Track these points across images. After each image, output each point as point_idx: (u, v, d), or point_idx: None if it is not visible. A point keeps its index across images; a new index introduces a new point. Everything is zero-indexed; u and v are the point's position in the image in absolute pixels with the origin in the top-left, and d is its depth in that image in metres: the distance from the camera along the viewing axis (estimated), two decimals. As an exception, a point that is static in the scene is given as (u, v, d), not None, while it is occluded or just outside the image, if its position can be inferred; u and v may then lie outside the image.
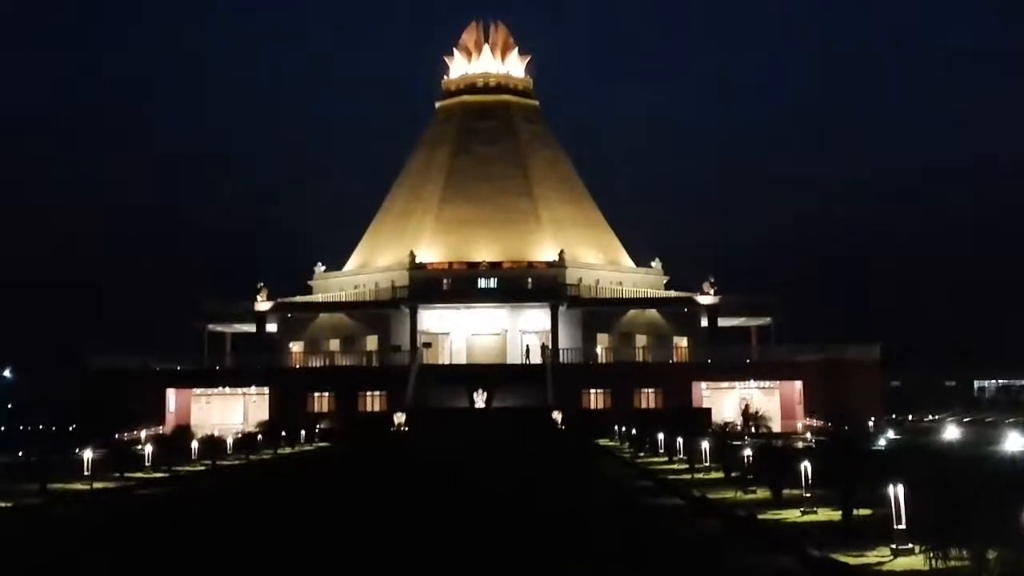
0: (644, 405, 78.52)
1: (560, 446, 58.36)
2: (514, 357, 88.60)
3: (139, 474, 35.86)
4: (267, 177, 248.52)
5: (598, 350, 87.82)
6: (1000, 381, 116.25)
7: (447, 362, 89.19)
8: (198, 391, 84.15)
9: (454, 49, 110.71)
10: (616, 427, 61.82)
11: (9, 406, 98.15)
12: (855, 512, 19.33)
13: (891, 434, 45.77)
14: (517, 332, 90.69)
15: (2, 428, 74.07)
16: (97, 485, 31.14)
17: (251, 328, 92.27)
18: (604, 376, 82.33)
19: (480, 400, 76.84)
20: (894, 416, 74.14)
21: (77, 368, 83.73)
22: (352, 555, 18.46)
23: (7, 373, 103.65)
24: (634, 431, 53.57)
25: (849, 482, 19.98)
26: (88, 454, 32.80)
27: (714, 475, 31.81)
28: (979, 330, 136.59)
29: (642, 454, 46.18)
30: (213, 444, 46.29)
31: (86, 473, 31.92)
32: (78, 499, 28.83)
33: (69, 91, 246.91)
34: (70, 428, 66.50)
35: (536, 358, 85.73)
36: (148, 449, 39.74)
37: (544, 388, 76.93)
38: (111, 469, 34.78)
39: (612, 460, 46.15)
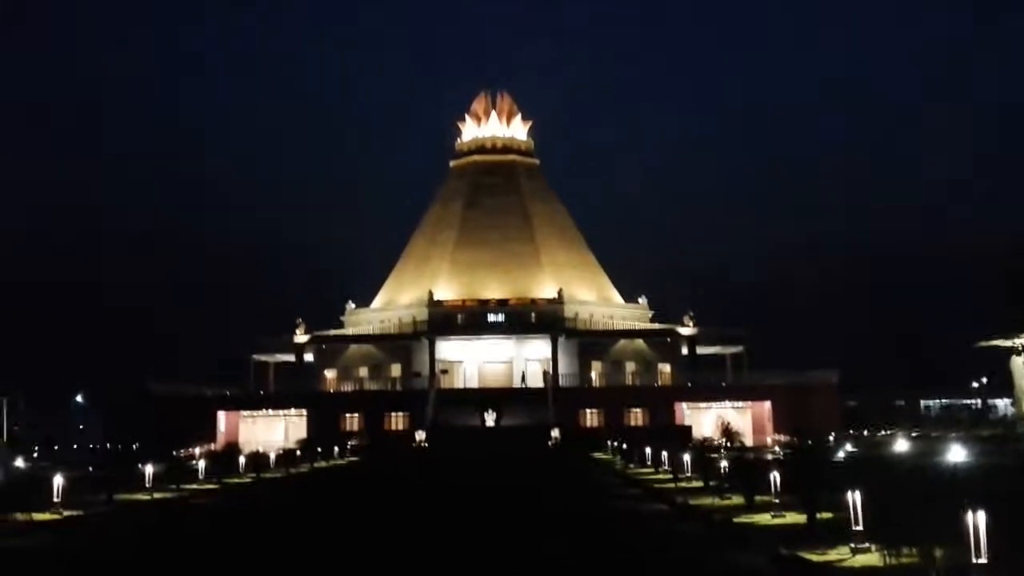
0: (633, 423, 78.19)
1: (560, 459, 58.12)
2: (520, 381, 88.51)
3: (193, 485, 35.71)
4: (307, 229, 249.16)
5: (592, 375, 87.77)
6: (943, 400, 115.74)
7: (461, 386, 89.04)
8: (245, 413, 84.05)
9: (466, 115, 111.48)
10: (608, 442, 61.53)
11: (81, 427, 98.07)
12: (818, 515, 19.20)
13: (849, 447, 45.45)
14: (522, 360, 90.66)
15: (75, 446, 73.90)
16: (157, 495, 31.06)
17: (291, 358, 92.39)
18: (598, 398, 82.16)
19: (490, 419, 76.63)
20: (851, 431, 73.62)
21: (140, 394, 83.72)
22: (378, 545, 18.35)
23: (79, 399, 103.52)
24: (624, 445, 53.29)
25: (813, 489, 19.85)
26: (149, 468, 32.71)
27: (695, 484, 31.61)
28: (925, 355, 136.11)
29: (631, 465, 45.90)
30: (258, 459, 46.09)
31: (147, 485, 31.83)
32: (140, 507, 28.72)
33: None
34: (133, 446, 66.38)
35: (529, 383, 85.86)
36: (201, 464, 39.66)
37: (546, 408, 76.76)
38: (169, 481, 34.67)
39: (605, 470, 45.90)
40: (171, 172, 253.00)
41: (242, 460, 44.17)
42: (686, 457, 35.73)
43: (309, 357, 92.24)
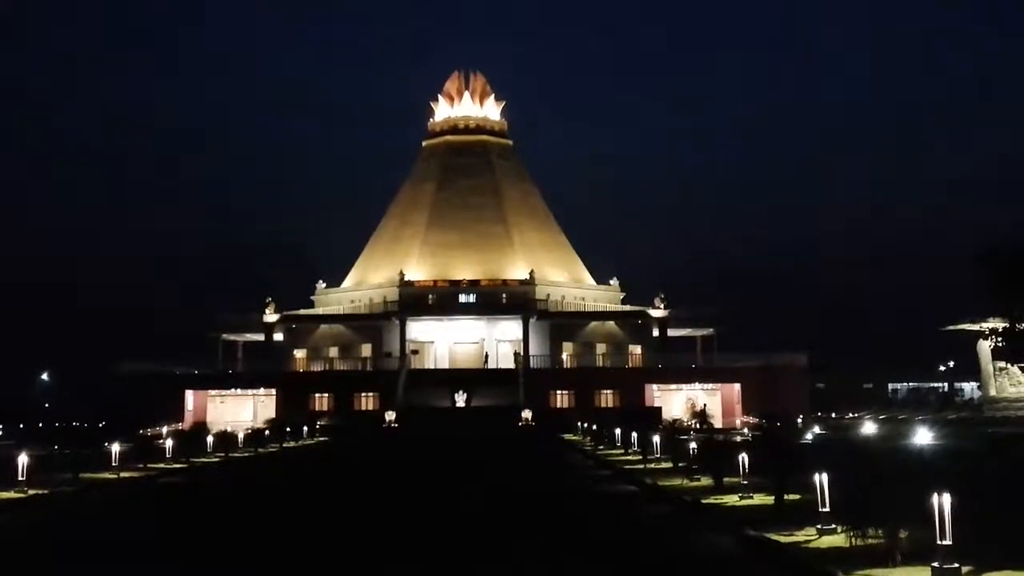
0: (603, 404, 78.46)
1: (530, 439, 58.26)
2: (491, 362, 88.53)
3: (161, 464, 35.52)
4: (275, 206, 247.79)
5: (563, 356, 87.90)
6: (911, 384, 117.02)
7: (432, 367, 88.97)
8: (213, 392, 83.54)
9: (439, 95, 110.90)
10: (579, 423, 61.74)
11: (46, 405, 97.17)
12: (786, 497, 19.36)
13: (817, 430, 45.90)
14: (493, 341, 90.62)
15: (40, 425, 73.24)
16: (124, 474, 30.88)
17: (260, 337, 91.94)
18: (568, 379, 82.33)
19: (461, 400, 76.66)
20: (819, 414, 74.39)
21: (106, 373, 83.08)
22: (346, 525, 18.31)
23: (44, 376, 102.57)
24: (594, 427, 53.47)
25: (781, 471, 20.01)
26: (115, 447, 32.50)
27: (664, 465, 31.76)
28: (893, 340, 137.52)
29: (601, 447, 46.04)
30: (226, 439, 45.90)
31: (114, 464, 31.63)
32: (107, 486, 28.54)
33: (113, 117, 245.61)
34: (100, 425, 65.89)
35: (500, 364, 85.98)
36: (169, 443, 39.43)
37: (517, 390, 76.87)
38: (136, 460, 34.48)
39: (575, 452, 46.04)
40: (141, 152, 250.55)
41: (210, 440, 43.98)
42: (655, 438, 35.90)
43: (279, 337, 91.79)
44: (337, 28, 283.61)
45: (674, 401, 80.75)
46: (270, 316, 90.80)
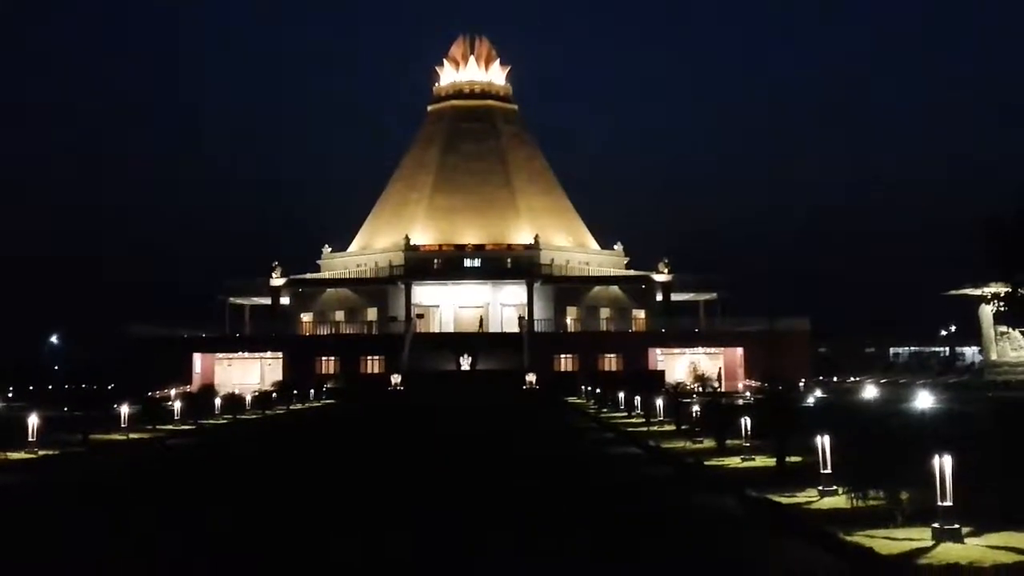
0: (607, 368, 78.65)
1: (535, 403, 58.45)
2: (495, 326, 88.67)
3: (169, 426, 35.69)
4: (285, 172, 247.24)
5: (567, 321, 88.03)
6: (912, 348, 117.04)
7: (437, 331, 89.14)
8: (220, 355, 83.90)
9: (444, 60, 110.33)
10: (583, 387, 61.89)
11: (56, 368, 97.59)
12: (787, 459, 19.40)
13: (819, 393, 45.93)
14: (498, 305, 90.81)
15: (49, 387, 73.60)
16: (132, 436, 31.01)
17: (267, 301, 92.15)
18: (572, 343, 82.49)
19: (466, 363, 76.89)
20: (821, 378, 74.47)
21: (116, 336, 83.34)
22: (352, 485, 18.39)
23: (55, 339, 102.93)
24: (598, 390, 53.63)
25: (782, 434, 20.04)
26: (124, 409, 32.62)
27: (667, 428, 31.82)
28: (896, 304, 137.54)
29: (605, 410, 46.17)
30: (234, 401, 46.13)
31: (123, 425, 31.76)
32: (116, 447, 28.68)
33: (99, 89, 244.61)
34: (109, 387, 66.16)
35: (505, 328, 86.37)
36: (177, 405, 39.59)
37: (521, 353, 77.03)
38: (145, 422, 34.64)
39: (579, 415, 46.17)
40: (155, 119, 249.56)
41: (218, 402, 44.15)
42: (659, 402, 35.97)
43: (285, 300, 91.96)
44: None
45: (677, 365, 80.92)
46: (277, 280, 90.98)
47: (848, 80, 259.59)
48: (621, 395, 44.61)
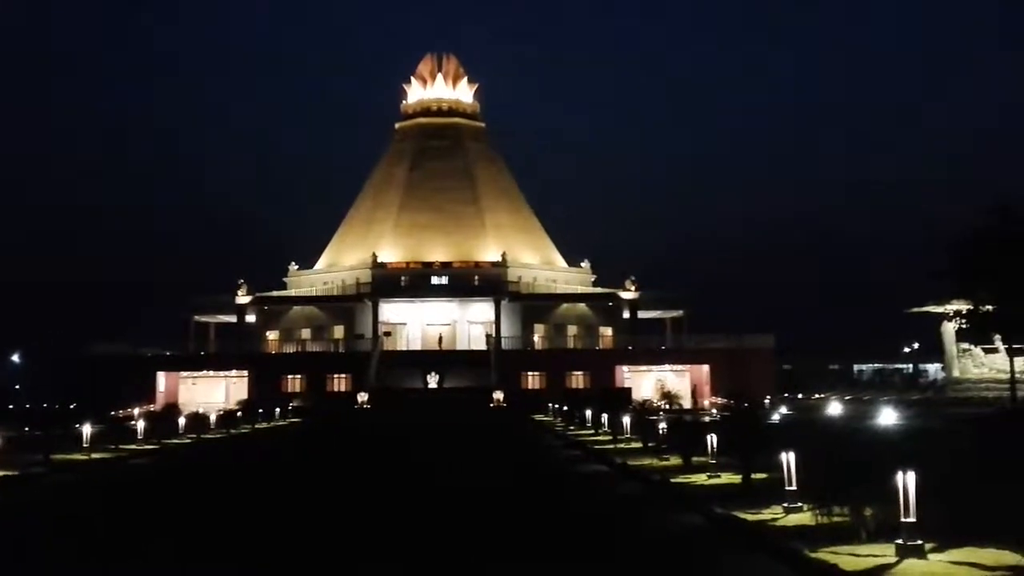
0: (574, 386, 78.70)
1: (502, 421, 58.29)
2: (463, 344, 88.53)
3: (132, 446, 35.22)
4: (248, 189, 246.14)
5: (535, 338, 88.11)
6: (876, 365, 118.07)
7: (405, 348, 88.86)
8: (185, 374, 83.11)
9: (412, 78, 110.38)
10: (550, 404, 61.86)
11: (16, 387, 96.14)
12: (753, 476, 19.47)
13: (784, 410, 46.21)
14: (465, 323, 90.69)
15: (10, 406, 72.43)
16: (94, 455, 30.59)
17: (233, 319, 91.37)
18: (540, 361, 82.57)
19: (433, 381, 76.71)
20: (786, 395, 74.90)
21: (77, 354, 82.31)
22: (314, 503, 18.22)
23: (15, 358, 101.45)
24: (565, 408, 53.61)
25: (748, 450, 20.12)
26: (87, 429, 32.18)
27: (634, 445, 31.85)
28: (859, 322, 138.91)
29: (572, 427, 46.15)
30: (198, 420, 45.67)
31: (85, 445, 31.33)
32: (78, 467, 28.27)
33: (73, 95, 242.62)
34: (70, 406, 65.24)
35: (472, 345, 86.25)
36: (140, 424, 39.08)
37: (488, 371, 76.94)
38: (107, 442, 34.16)
39: (547, 432, 46.08)
40: (118, 134, 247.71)
41: (182, 421, 43.66)
42: (626, 419, 36.00)
43: (251, 318, 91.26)
44: (310, 4, 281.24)
45: (644, 382, 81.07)
46: (242, 298, 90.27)
47: (818, 87, 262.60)
48: (588, 412, 44.61)
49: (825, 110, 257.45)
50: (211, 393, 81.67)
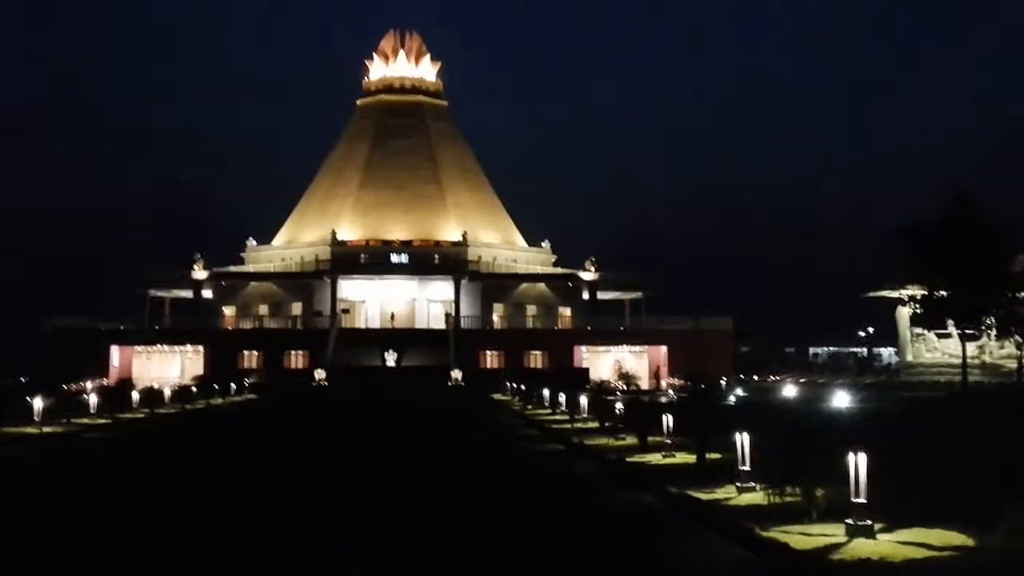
0: (532, 365, 78.95)
1: (460, 399, 58.36)
2: (422, 322, 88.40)
3: (85, 420, 34.87)
4: (205, 162, 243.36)
5: (494, 317, 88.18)
6: (831, 348, 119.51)
7: (363, 326, 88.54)
8: (139, 348, 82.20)
9: (374, 54, 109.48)
10: (508, 384, 61.99)
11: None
12: (707, 456, 19.62)
13: (740, 392, 46.58)
14: (425, 301, 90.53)
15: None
16: (46, 429, 30.24)
17: (188, 294, 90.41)
18: (499, 340, 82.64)
19: (391, 359, 76.52)
20: (742, 376, 75.60)
21: (29, 327, 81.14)
22: (268, 474, 18.13)
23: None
24: (523, 387, 53.71)
25: (703, 431, 20.27)
26: (38, 403, 31.76)
27: (591, 424, 31.97)
28: (815, 307, 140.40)
29: (530, 407, 46.23)
30: (152, 394, 45.21)
31: (36, 419, 30.93)
32: (29, 440, 27.91)
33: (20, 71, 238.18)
34: (22, 380, 64.37)
35: (432, 324, 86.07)
36: (93, 398, 38.68)
37: (447, 350, 76.89)
38: (59, 415, 33.78)
39: (504, 411, 46.20)
40: (68, 104, 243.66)
41: (135, 395, 43.25)
42: (583, 399, 36.14)
43: (207, 293, 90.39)
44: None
45: (602, 363, 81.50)
46: (199, 273, 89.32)
47: (768, 79, 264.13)
48: (546, 392, 44.71)
49: (783, 90, 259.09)
50: (166, 368, 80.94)
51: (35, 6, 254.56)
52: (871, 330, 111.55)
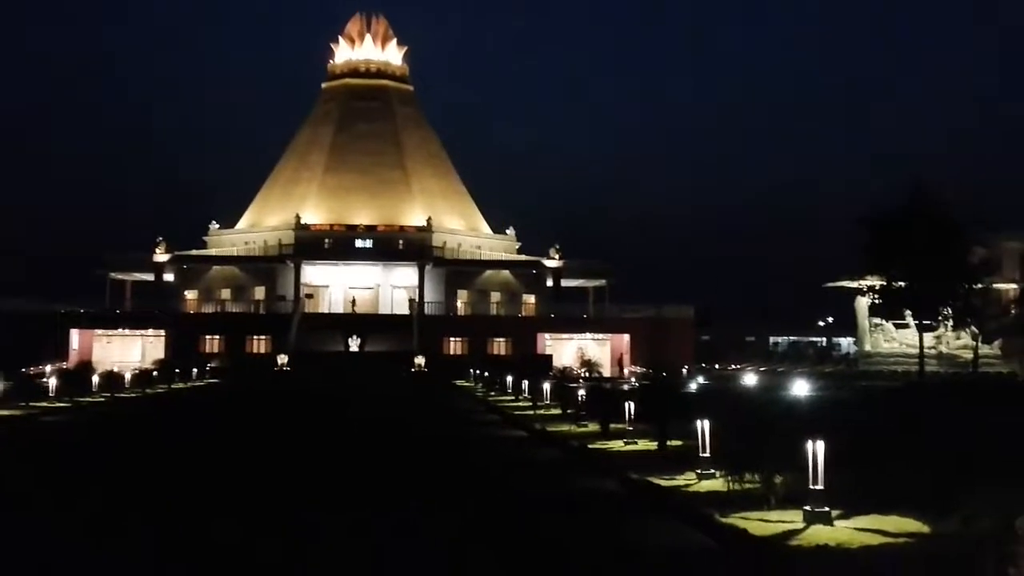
0: (496, 352, 78.95)
1: (423, 385, 58.29)
2: (386, 308, 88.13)
3: (43, 403, 34.46)
4: (169, 144, 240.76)
5: (458, 304, 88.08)
6: (791, 338, 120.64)
7: (327, 311, 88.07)
8: (100, 332, 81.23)
9: (339, 37, 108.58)
10: (472, 370, 62.01)
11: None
12: (668, 443, 19.74)
13: (701, 379, 46.86)
14: (389, 287, 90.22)
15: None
16: (3, 412, 29.85)
17: (150, 277, 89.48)
18: (463, 326, 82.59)
19: (354, 345, 76.24)
20: (703, 365, 76.11)
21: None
22: (228, 456, 18.03)
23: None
24: (487, 374, 53.77)
25: (664, 418, 20.40)
26: (-5, 385, 31.37)
27: (553, 411, 32.08)
28: (776, 296, 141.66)
29: (493, 393, 46.30)
30: (112, 378, 44.76)
31: (-8, 402, 30.56)
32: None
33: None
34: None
35: (395, 310, 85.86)
36: (52, 382, 38.23)
37: (411, 335, 76.71)
38: (18, 399, 33.36)
39: (467, 397, 46.22)
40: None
41: (96, 379, 42.78)
42: (546, 386, 36.23)
43: (169, 277, 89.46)
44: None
45: (565, 350, 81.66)
46: (160, 256, 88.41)
47: (740, 74, 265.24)
48: (509, 379, 44.77)
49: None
50: (127, 352, 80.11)
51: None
52: (831, 320, 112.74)
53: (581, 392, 29.37)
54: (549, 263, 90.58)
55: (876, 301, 56.71)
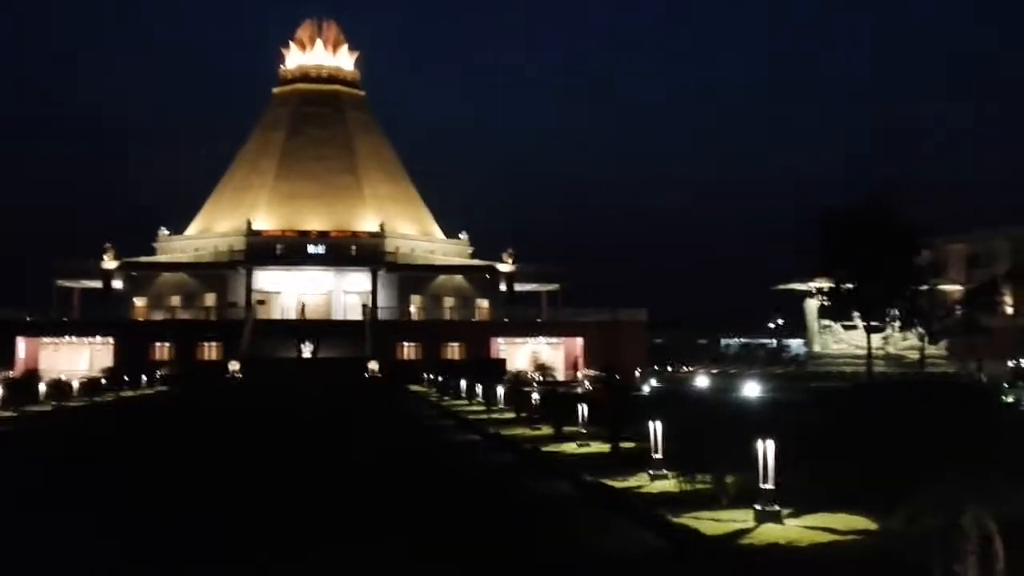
0: (450, 357, 78.78)
1: (377, 391, 57.98)
2: (339, 314, 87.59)
3: (-13, 413, 33.74)
4: (117, 149, 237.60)
5: (411, 309, 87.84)
6: (742, 340, 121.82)
7: (279, 317, 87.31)
8: (46, 340, 79.82)
9: (290, 42, 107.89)
10: (425, 375, 61.80)
11: None
12: (621, 445, 19.80)
13: (654, 382, 47.16)
14: (341, 293, 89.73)
15: None
16: (-54, 423, 29.22)
17: (98, 284, 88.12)
18: (416, 331, 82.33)
19: (307, 351, 75.69)
20: (656, 367, 76.57)
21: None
22: (174, 466, 17.76)
23: None
24: (440, 378, 53.62)
25: (617, 420, 20.45)
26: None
27: (507, 415, 32.05)
28: (727, 299, 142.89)
29: (447, 398, 46.19)
30: (59, 387, 43.98)
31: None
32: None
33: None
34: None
35: (348, 315, 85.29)
36: (-3, 391, 37.44)
37: (364, 341, 76.34)
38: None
39: (421, 402, 46.02)
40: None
41: (42, 388, 42.02)
42: (500, 390, 36.19)
43: (118, 284, 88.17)
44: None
45: (519, 354, 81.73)
46: (109, 262, 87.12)
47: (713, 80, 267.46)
48: (463, 383, 44.68)
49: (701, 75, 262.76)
50: (74, 360, 78.71)
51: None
52: (781, 322, 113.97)
53: (535, 396, 29.38)
54: (502, 267, 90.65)
55: (825, 303, 57.48)
